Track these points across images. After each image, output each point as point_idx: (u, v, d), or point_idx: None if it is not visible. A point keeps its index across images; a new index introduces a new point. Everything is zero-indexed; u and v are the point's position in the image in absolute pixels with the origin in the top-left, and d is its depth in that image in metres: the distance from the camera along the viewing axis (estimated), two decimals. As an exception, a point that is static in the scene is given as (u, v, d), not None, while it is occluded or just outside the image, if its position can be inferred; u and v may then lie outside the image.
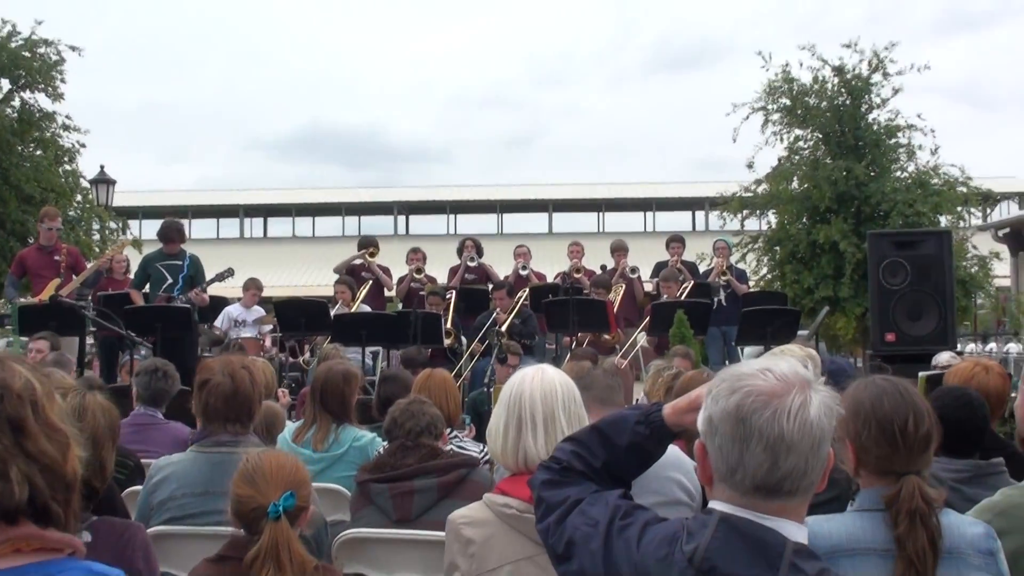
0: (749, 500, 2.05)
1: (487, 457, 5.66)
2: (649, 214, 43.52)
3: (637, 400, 11.65)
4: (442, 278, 15.27)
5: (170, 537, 4.14)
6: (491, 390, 8.46)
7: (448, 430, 5.51)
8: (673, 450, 4.29)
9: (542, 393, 3.08)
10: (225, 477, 4.14)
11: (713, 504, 2.12)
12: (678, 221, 42.44)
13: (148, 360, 6.91)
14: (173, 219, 11.36)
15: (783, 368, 2.08)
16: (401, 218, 43.79)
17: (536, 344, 11.95)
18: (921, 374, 8.11)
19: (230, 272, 11.50)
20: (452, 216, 44.36)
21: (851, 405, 2.90)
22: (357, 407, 6.03)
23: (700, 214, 41.48)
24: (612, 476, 2.55)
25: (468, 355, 11.74)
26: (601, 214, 44.26)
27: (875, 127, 15.04)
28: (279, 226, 42.85)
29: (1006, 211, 29.39)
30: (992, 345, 13.44)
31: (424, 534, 4.09)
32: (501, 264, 22.06)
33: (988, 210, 20.74)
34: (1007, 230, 17.85)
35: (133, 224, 38.85)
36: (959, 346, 11.39)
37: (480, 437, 7.94)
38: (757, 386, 2.04)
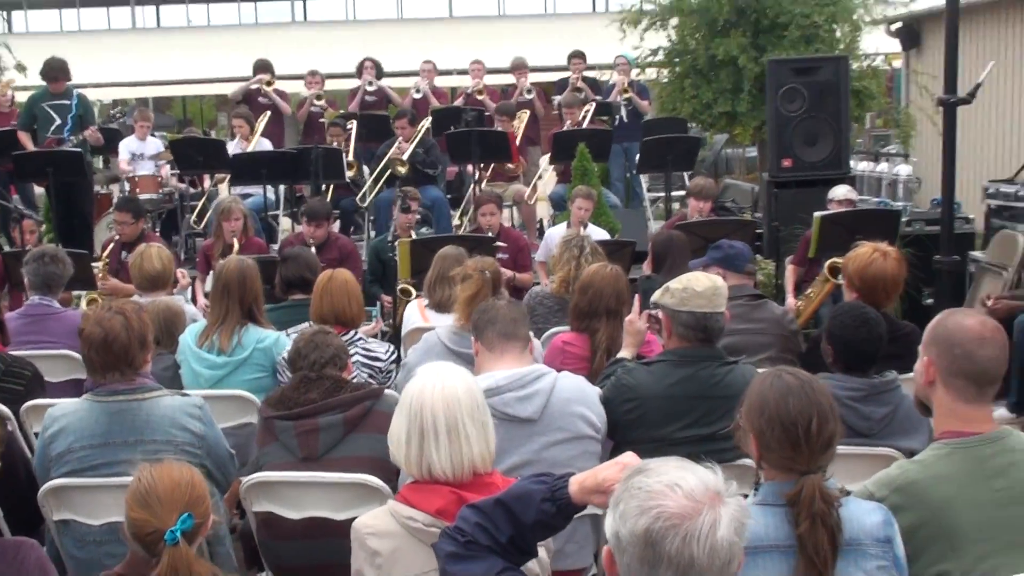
0: None
1: (394, 356, 5.70)
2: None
3: (540, 225, 11.68)
4: (343, 66, 14.77)
5: (74, 489, 4.12)
6: (395, 243, 8.38)
7: (353, 333, 5.52)
8: (575, 381, 4.28)
9: (444, 404, 3.01)
10: (124, 426, 4.14)
11: None
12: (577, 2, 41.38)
13: (36, 248, 6.72)
14: (56, 57, 10.83)
15: (692, 484, 2.05)
16: (299, 3, 42.19)
17: (439, 174, 11.86)
18: (816, 214, 8.30)
19: (121, 112, 11.12)
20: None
21: (757, 400, 2.91)
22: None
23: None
24: (518, 549, 2.59)
25: (372, 181, 11.61)
26: (502, -6, 42.98)
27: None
28: (172, 15, 41.05)
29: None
30: (884, 165, 13.62)
31: (330, 476, 4.13)
32: (403, 57, 21.41)
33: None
34: (899, 24, 17.61)
35: (17, 16, 37.11)
36: (852, 163, 11.63)
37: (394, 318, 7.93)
38: (666, 508, 2.02)
